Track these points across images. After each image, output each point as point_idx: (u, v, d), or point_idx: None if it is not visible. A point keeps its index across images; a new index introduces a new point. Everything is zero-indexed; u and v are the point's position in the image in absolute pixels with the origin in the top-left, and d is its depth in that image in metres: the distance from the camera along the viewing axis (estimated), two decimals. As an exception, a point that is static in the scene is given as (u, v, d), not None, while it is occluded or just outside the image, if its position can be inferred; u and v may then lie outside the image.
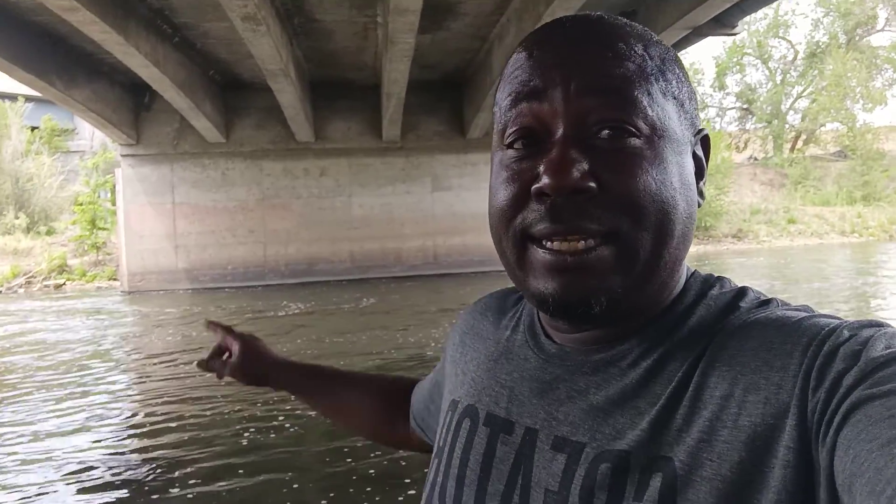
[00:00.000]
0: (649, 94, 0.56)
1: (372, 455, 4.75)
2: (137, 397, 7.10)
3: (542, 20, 9.87)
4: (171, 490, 4.29)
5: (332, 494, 4.14)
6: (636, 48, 0.57)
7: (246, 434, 5.18)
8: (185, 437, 5.34)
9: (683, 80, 0.62)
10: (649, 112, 0.56)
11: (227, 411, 5.90)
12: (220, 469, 4.62)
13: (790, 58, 35.82)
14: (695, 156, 0.62)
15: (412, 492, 4.12)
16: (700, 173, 0.62)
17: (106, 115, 14.70)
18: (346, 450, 4.87)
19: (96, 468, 4.77)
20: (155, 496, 4.22)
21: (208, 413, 5.97)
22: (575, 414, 0.59)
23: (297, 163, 17.47)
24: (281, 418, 5.63)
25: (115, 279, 18.62)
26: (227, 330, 1.11)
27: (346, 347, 8.88)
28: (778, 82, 35.66)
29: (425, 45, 13.21)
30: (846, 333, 0.50)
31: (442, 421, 0.74)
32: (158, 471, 4.66)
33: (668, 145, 0.57)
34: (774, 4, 29.55)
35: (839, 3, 33.70)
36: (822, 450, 0.46)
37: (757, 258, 20.80)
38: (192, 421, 5.70)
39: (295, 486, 4.27)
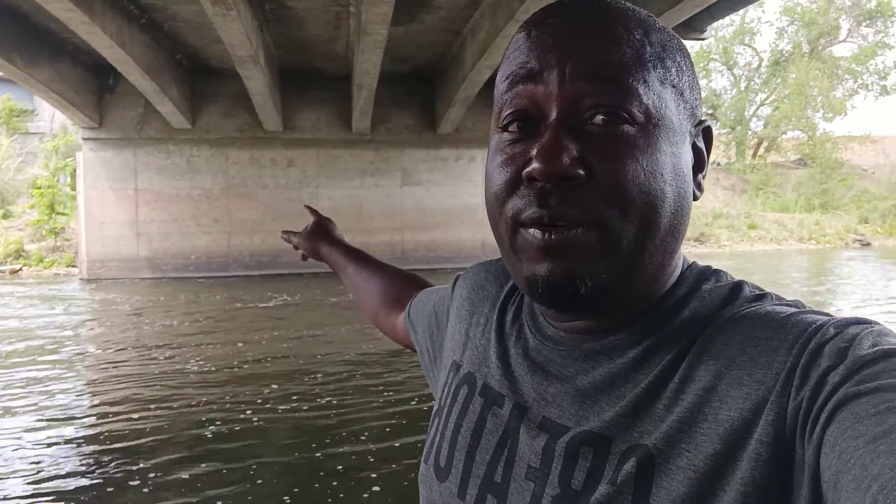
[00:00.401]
0: (646, 81, 0.55)
1: (340, 449, 4.71)
2: (97, 388, 6.92)
3: (516, 16, 9.89)
4: (130, 482, 4.19)
5: (295, 490, 4.08)
6: (636, 33, 0.57)
7: (210, 427, 5.08)
8: (147, 429, 5.22)
9: (685, 68, 0.60)
10: (644, 99, 0.55)
11: (193, 403, 5.78)
12: (181, 461, 4.53)
13: (755, 65, 36.53)
14: (695, 147, 0.62)
15: (377, 488, 4.09)
16: (700, 165, 0.62)
17: (68, 97, 14.29)
18: (313, 445, 4.82)
19: (52, 459, 4.63)
20: (111, 488, 4.11)
21: (174, 405, 5.85)
22: (562, 397, 0.60)
23: (265, 152, 17.21)
24: (248, 412, 5.55)
25: (73, 266, 18.14)
26: (314, 212, 1.38)
27: (326, 340, 8.79)
28: (742, 89, 36.31)
29: (398, 37, 13.12)
30: (832, 331, 0.50)
31: (444, 379, 0.76)
32: (117, 462, 4.55)
33: (664, 134, 0.56)
34: (741, 11, 30.11)
35: (804, 13, 34.45)
36: (807, 447, 0.46)
37: (717, 262, 21.17)
38: (154, 413, 5.57)
39: (259, 481, 4.20)
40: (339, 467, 4.40)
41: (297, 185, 17.49)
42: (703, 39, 13.80)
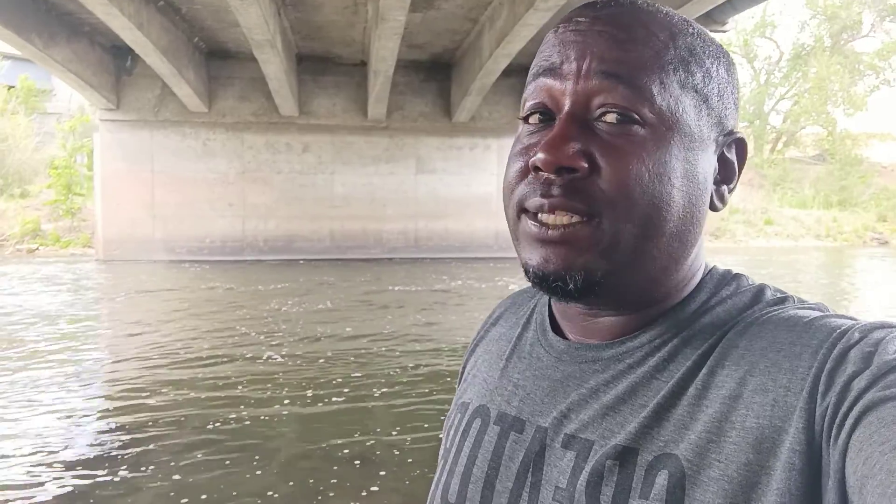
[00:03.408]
0: (662, 83, 0.56)
1: (353, 436, 4.72)
2: (112, 370, 6.98)
3: (536, 5, 9.80)
4: (141, 466, 4.23)
5: (290, 483, 4.07)
6: (660, 35, 0.57)
7: (217, 421, 5.08)
8: (161, 412, 5.26)
9: (715, 76, 0.59)
10: (658, 101, 0.55)
11: (202, 394, 5.82)
12: (183, 448, 4.55)
13: (775, 58, 36.08)
14: (723, 157, 0.61)
15: (381, 477, 4.09)
16: (728, 177, 0.62)
17: (86, 77, 14.37)
18: (323, 441, 4.83)
19: (58, 444, 4.68)
20: (124, 469, 4.15)
21: (183, 390, 5.89)
22: (584, 411, 0.59)
23: (280, 137, 17.25)
24: (252, 402, 5.56)
25: (89, 246, 18.32)
26: None
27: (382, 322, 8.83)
28: (762, 82, 35.89)
29: (415, 24, 13.07)
30: (857, 336, 0.49)
31: (449, 423, 0.74)
32: (128, 443, 4.59)
33: (677, 138, 0.56)
34: (763, 4, 29.70)
35: (826, 6, 33.94)
36: (833, 452, 0.46)
37: (733, 257, 21.02)
38: (160, 401, 5.61)
39: (258, 472, 4.19)
40: (346, 451, 4.42)
41: (312, 171, 17.52)
42: (724, 31, 13.64)
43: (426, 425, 4.96)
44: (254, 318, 9.34)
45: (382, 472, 4.11)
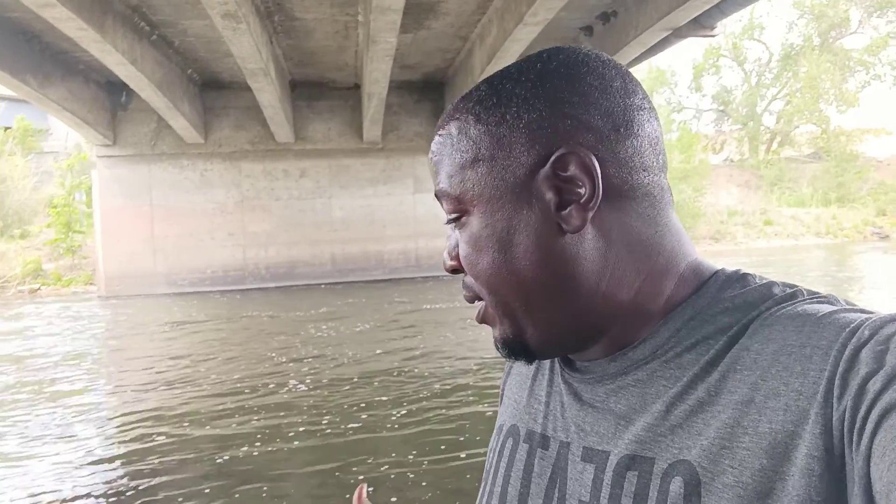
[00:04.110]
0: (449, 175, 0.62)
1: (365, 464, 4.68)
2: (121, 405, 6.94)
3: (524, 20, 9.86)
4: (150, 499, 4.18)
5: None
6: (449, 131, 0.63)
7: (224, 453, 5.04)
8: (170, 446, 5.22)
9: (488, 130, 0.60)
10: (452, 192, 0.62)
11: (207, 428, 5.77)
12: (204, 478, 4.52)
13: (765, 60, 36.28)
14: (555, 184, 0.57)
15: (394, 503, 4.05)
16: (574, 196, 0.57)
17: (81, 115, 14.44)
18: (334, 471, 4.78)
19: (72, 476, 4.63)
20: None
21: (187, 428, 5.85)
22: (600, 424, 0.60)
23: (277, 164, 17.30)
24: (259, 437, 5.51)
25: (91, 283, 18.29)
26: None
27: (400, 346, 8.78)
28: (753, 84, 36.07)
29: (406, 45, 13.16)
30: (867, 333, 0.48)
31: (490, 447, 0.76)
32: (138, 480, 4.54)
33: (479, 211, 0.60)
34: (750, 6, 29.92)
35: (813, 5, 34.18)
36: (856, 458, 0.45)
37: (733, 259, 20.99)
38: (166, 439, 5.56)
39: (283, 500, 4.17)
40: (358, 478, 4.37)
41: (310, 196, 17.55)
42: (713, 36, 13.70)
43: (442, 447, 4.92)
44: (265, 347, 9.30)
45: (394, 499, 4.06)
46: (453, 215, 0.62)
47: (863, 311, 0.52)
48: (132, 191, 16.53)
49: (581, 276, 0.58)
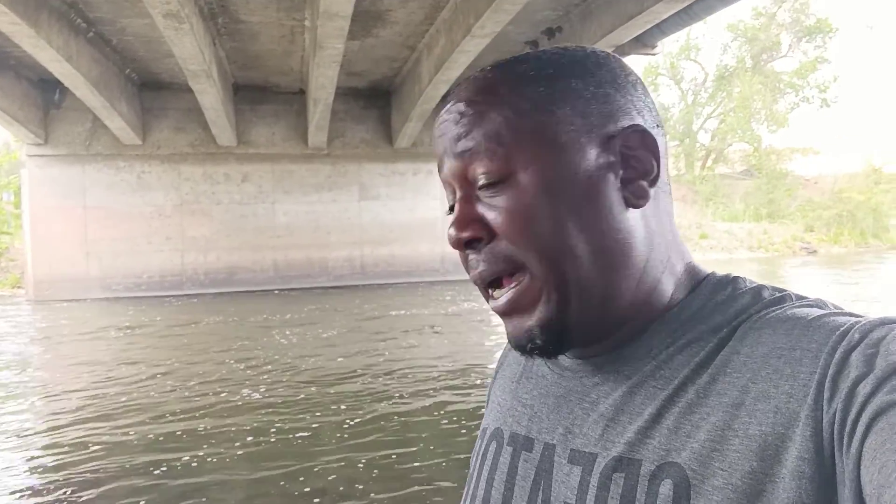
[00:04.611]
0: (497, 133, 0.59)
1: (315, 470, 4.61)
2: (52, 416, 6.65)
3: (472, 32, 9.96)
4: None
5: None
6: (501, 92, 0.60)
7: (162, 465, 4.90)
8: (105, 458, 5.03)
9: (576, 93, 0.60)
10: (499, 152, 0.59)
11: (148, 434, 5.59)
12: (139, 491, 4.37)
13: (701, 79, 37.57)
14: (624, 155, 0.59)
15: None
16: (642, 172, 0.60)
17: (11, 112, 13.83)
18: (286, 465, 4.70)
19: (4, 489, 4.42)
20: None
21: (125, 435, 5.66)
22: (587, 425, 0.60)
23: (218, 167, 16.94)
24: (205, 447, 5.38)
25: (19, 287, 17.52)
26: None
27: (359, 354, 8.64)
28: (689, 102, 37.29)
29: (353, 52, 13.10)
30: (857, 336, 0.49)
31: (473, 450, 0.75)
32: (71, 494, 4.37)
33: (543, 173, 0.58)
34: (687, 28, 30.98)
35: (746, 29, 35.60)
36: (847, 461, 0.45)
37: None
38: (100, 447, 5.37)
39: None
40: (307, 489, 4.31)
41: (253, 201, 17.25)
42: (654, 55, 14.12)
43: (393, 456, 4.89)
44: (198, 355, 9.07)
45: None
46: (492, 178, 0.59)
47: (852, 315, 0.52)
48: (65, 192, 15.91)
49: (632, 255, 0.59)
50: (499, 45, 11.55)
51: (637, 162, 0.60)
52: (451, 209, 0.63)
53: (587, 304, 0.58)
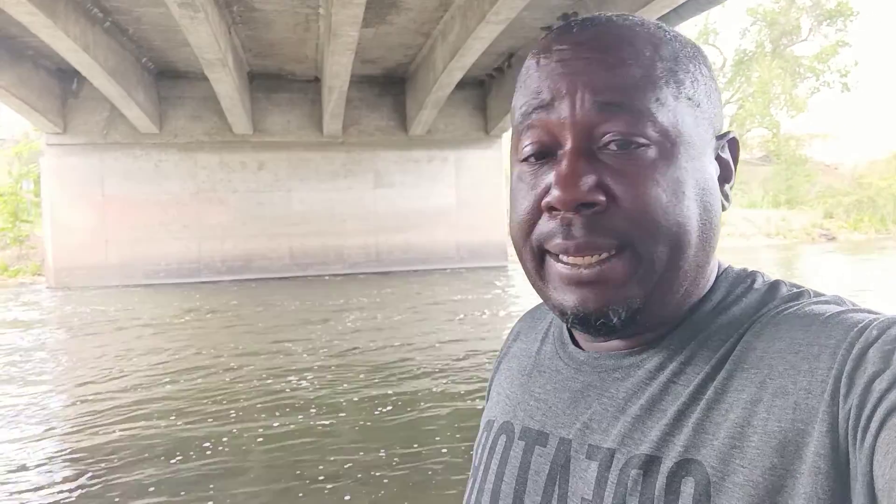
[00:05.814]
0: (658, 100, 0.55)
1: (320, 467, 4.66)
2: (73, 402, 6.76)
3: (487, 18, 9.90)
4: (107, 495, 4.10)
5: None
6: (645, 51, 0.56)
7: (178, 454, 4.96)
8: (128, 444, 5.11)
9: (700, 77, 0.59)
10: (659, 118, 0.55)
11: (164, 425, 5.67)
12: (162, 479, 4.44)
13: (719, 64, 37.09)
14: (720, 159, 0.62)
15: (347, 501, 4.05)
16: (726, 176, 0.62)
17: (30, 102, 13.99)
18: (295, 457, 4.75)
19: (26, 474, 4.51)
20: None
21: (143, 428, 5.74)
22: (606, 421, 0.59)
23: (234, 156, 17.03)
24: (225, 439, 5.44)
25: (40, 274, 17.76)
26: None
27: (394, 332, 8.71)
28: (708, 88, 36.87)
29: (368, 39, 13.08)
30: (875, 333, 0.48)
31: (477, 442, 0.73)
32: (93, 479, 4.44)
33: (683, 150, 0.56)
34: (705, 12, 30.56)
35: (766, 13, 35.10)
36: (860, 456, 0.45)
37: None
38: (121, 435, 5.45)
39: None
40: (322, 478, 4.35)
41: (269, 189, 17.33)
42: (670, 39, 13.97)
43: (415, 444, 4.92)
44: (219, 341, 9.16)
45: (348, 497, 4.06)
46: (635, 139, 0.54)
47: (870, 312, 0.52)
48: (83, 180, 16.08)
49: (714, 250, 0.61)
50: (513, 30, 11.48)
51: (727, 166, 0.62)
52: (532, 158, 0.58)
53: (675, 294, 0.58)
